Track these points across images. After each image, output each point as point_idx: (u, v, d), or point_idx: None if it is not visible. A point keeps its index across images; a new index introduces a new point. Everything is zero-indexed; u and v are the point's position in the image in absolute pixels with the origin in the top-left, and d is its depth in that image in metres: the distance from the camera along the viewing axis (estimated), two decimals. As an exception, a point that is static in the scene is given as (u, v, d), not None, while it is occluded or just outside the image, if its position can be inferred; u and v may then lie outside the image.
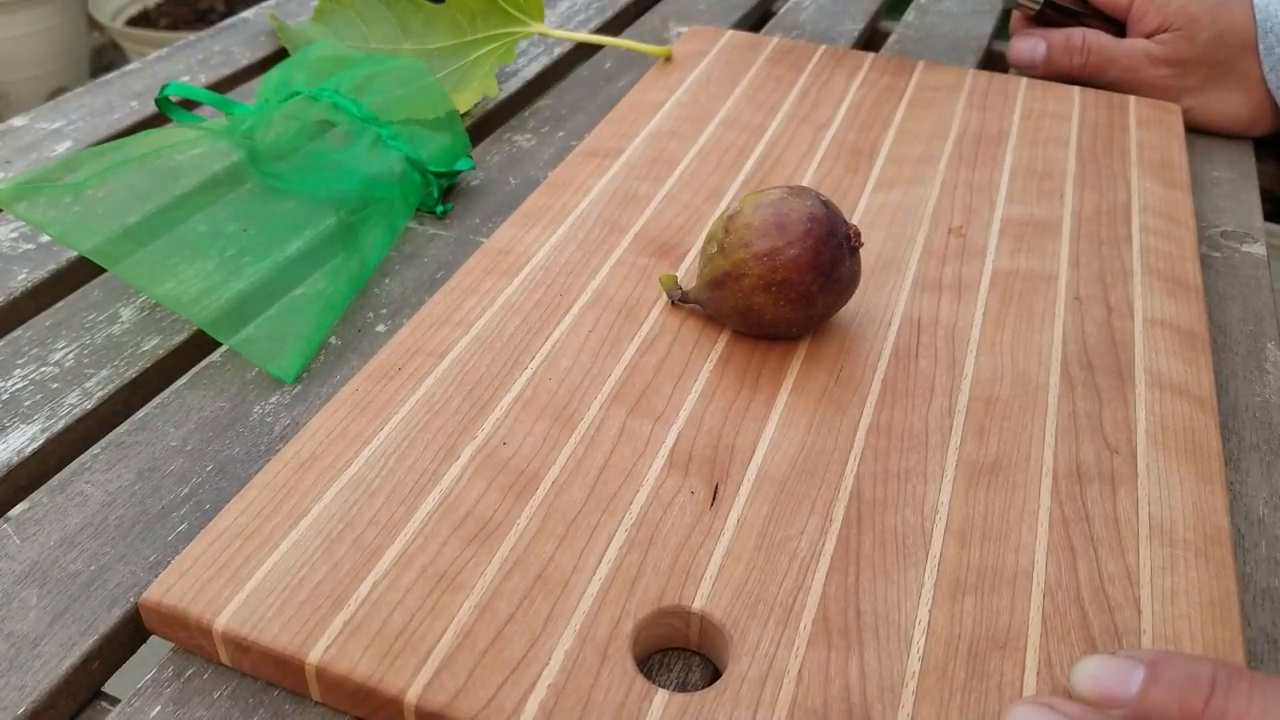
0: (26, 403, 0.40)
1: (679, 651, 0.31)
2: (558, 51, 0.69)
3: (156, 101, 0.52)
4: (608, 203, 0.49)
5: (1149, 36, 0.61)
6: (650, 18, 0.75)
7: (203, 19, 1.89)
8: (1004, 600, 0.31)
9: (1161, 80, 0.61)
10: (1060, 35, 0.63)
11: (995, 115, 0.58)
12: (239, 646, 0.29)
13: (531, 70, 0.67)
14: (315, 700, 0.30)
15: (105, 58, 2.09)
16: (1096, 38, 0.63)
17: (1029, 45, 0.64)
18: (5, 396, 0.40)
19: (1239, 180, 0.57)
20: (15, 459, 0.37)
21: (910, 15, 0.77)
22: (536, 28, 0.60)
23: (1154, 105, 0.59)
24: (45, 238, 0.49)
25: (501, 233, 0.47)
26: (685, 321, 0.42)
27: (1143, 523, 0.34)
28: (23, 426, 0.38)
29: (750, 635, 0.30)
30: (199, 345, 0.43)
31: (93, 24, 1.92)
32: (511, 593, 0.30)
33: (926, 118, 0.57)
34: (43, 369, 0.41)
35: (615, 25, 0.76)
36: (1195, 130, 0.61)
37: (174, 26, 1.87)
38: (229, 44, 0.68)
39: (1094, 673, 0.27)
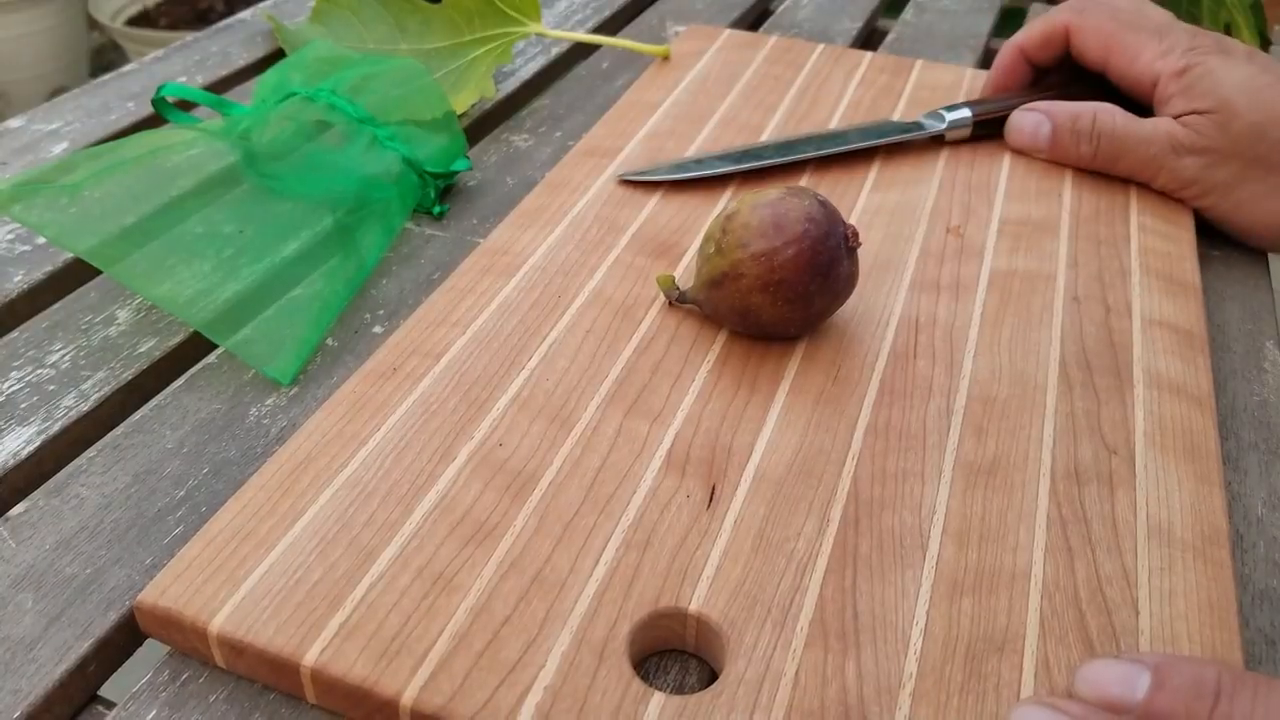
0: (22, 405, 0.39)
1: (676, 653, 0.31)
2: (555, 51, 0.69)
3: (153, 102, 0.52)
4: (605, 202, 0.49)
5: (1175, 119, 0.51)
6: (647, 17, 0.75)
7: (203, 19, 1.89)
8: (1002, 601, 0.31)
9: (1185, 171, 0.50)
10: (1067, 115, 0.52)
11: (993, 114, 0.58)
12: (234, 649, 0.29)
13: (529, 70, 0.66)
14: (311, 703, 0.30)
15: (105, 58, 2.09)
16: (1110, 119, 0.51)
17: (1031, 124, 0.53)
18: (1, 399, 0.40)
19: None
20: (11, 461, 0.37)
21: (908, 14, 0.77)
22: (534, 28, 0.60)
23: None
24: (41, 239, 0.49)
25: (499, 233, 0.47)
26: (683, 321, 0.42)
27: (1141, 524, 0.34)
28: (18, 429, 0.38)
29: (747, 637, 0.30)
30: (195, 347, 0.43)
31: (93, 24, 1.92)
32: (508, 594, 0.30)
33: (925, 117, 0.57)
34: (39, 371, 0.41)
35: (612, 25, 0.75)
36: (1220, 234, 0.52)
37: (174, 26, 1.87)
38: (226, 45, 0.68)
39: (1098, 678, 0.27)
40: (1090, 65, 0.54)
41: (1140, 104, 0.53)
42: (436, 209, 0.51)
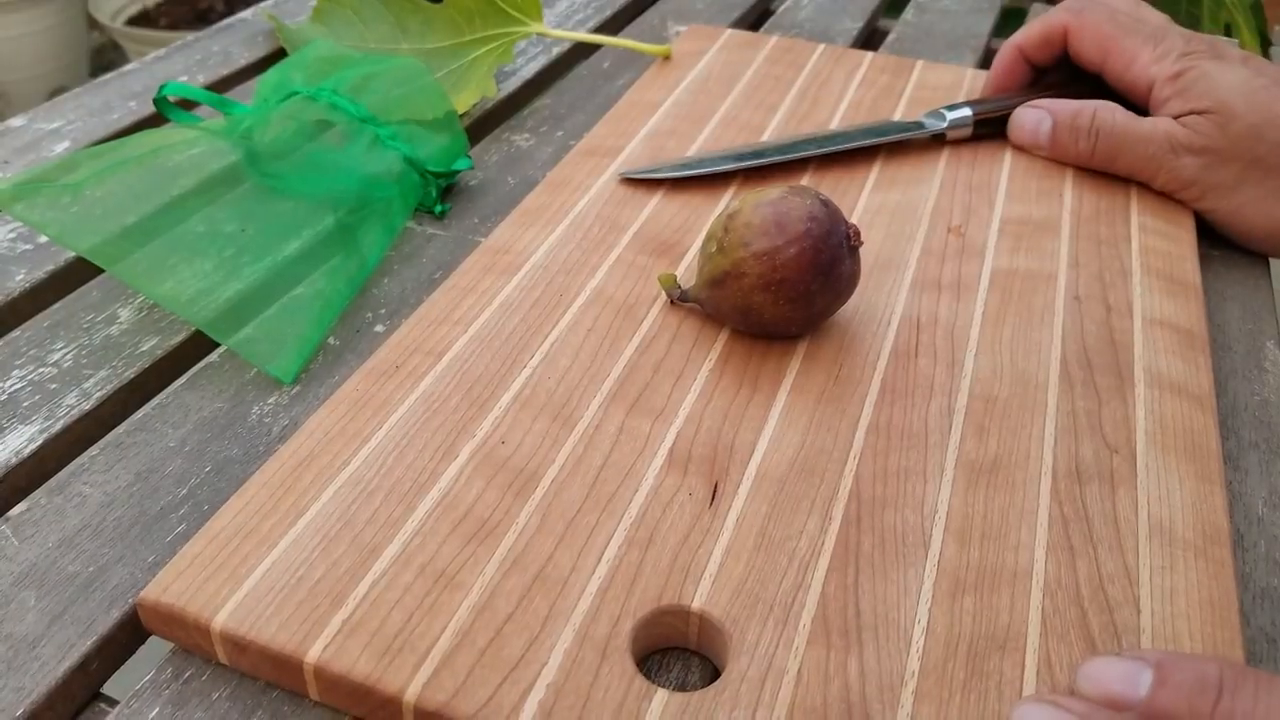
0: (25, 403, 0.39)
1: (678, 651, 0.31)
2: (556, 51, 0.69)
3: (155, 101, 0.52)
4: (606, 201, 0.49)
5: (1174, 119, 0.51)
6: (649, 17, 0.75)
7: (203, 18, 1.89)
8: (1003, 599, 0.31)
9: (1184, 172, 0.50)
10: (1067, 111, 0.52)
11: (994, 114, 0.58)
12: (237, 645, 0.29)
13: (530, 70, 0.67)
14: (314, 700, 0.30)
15: (105, 57, 2.09)
16: (1109, 116, 0.51)
17: (1033, 120, 0.53)
18: (3, 397, 0.40)
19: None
20: (14, 460, 0.37)
21: (909, 14, 0.77)
22: (535, 27, 0.60)
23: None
24: (43, 238, 0.49)
25: (500, 231, 0.47)
26: (684, 320, 0.42)
27: (1142, 522, 0.34)
28: (21, 427, 0.38)
29: (749, 634, 0.30)
30: (197, 346, 0.43)
31: (93, 24, 1.92)
32: (510, 592, 0.30)
33: (925, 117, 0.57)
34: (41, 370, 0.41)
35: (613, 24, 0.75)
36: (1220, 235, 0.51)
37: (174, 26, 1.87)
38: (227, 44, 0.68)
39: (1100, 675, 0.27)
40: (1087, 67, 0.55)
41: (1140, 107, 0.53)
42: (438, 208, 0.51)
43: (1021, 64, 0.57)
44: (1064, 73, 0.57)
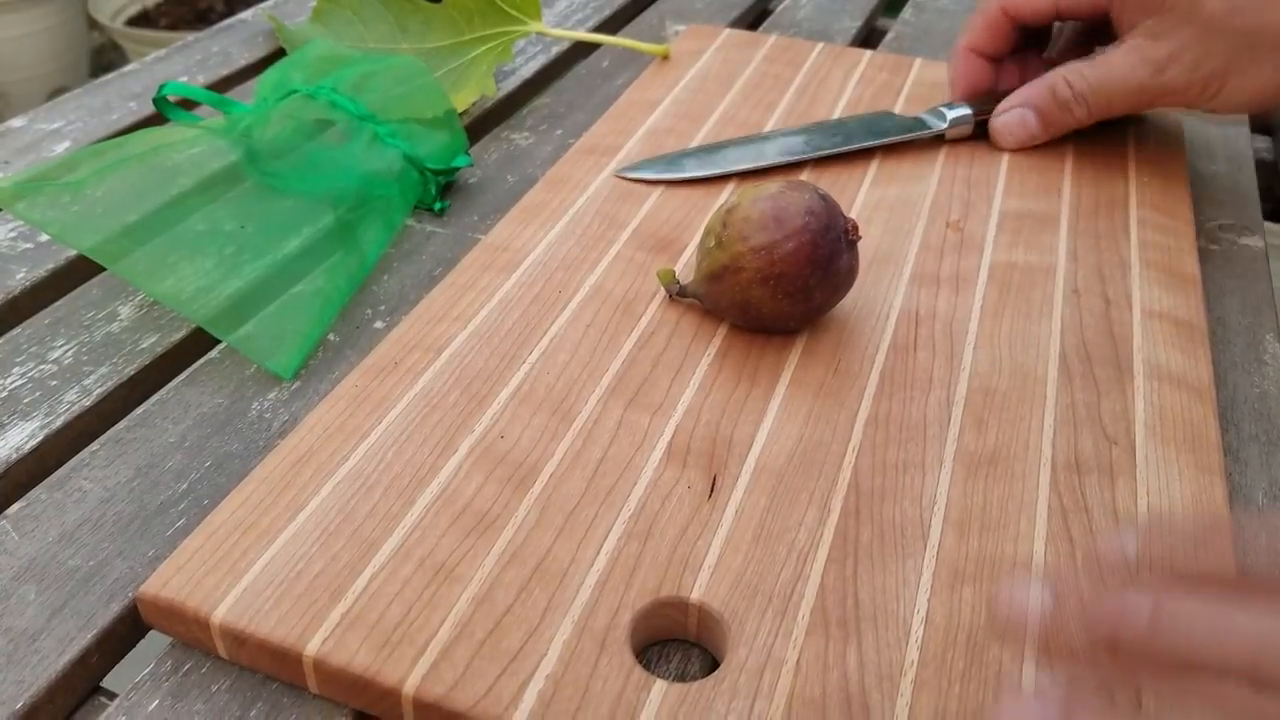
0: (25, 400, 0.40)
1: (678, 642, 0.31)
2: (555, 50, 0.69)
3: (155, 101, 0.52)
4: (605, 198, 0.49)
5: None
6: (648, 16, 0.75)
7: (203, 19, 1.89)
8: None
9: (1177, 82, 0.48)
10: (1041, 92, 0.52)
11: (993, 110, 0.58)
12: (236, 639, 0.29)
13: (529, 69, 0.67)
14: (313, 692, 0.30)
15: (105, 58, 2.10)
16: (1080, 77, 0.50)
17: (1016, 119, 0.53)
18: (4, 394, 0.40)
19: (1236, 173, 0.57)
20: (14, 456, 0.37)
21: (907, 13, 0.77)
22: (534, 27, 0.60)
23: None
24: (44, 236, 0.49)
25: (499, 228, 0.47)
26: (683, 315, 0.42)
27: (1141, 513, 0.34)
28: (21, 423, 0.39)
29: (748, 626, 0.30)
30: (198, 342, 0.43)
31: (93, 24, 1.92)
32: (510, 584, 0.30)
33: (924, 113, 0.57)
34: (42, 366, 0.41)
35: (613, 24, 0.76)
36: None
37: (174, 26, 1.87)
38: (227, 45, 0.68)
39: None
40: (1043, 21, 0.54)
41: (1106, 32, 0.52)
42: (437, 206, 0.51)
43: (978, 62, 0.56)
44: (1018, 55, 0.57)
